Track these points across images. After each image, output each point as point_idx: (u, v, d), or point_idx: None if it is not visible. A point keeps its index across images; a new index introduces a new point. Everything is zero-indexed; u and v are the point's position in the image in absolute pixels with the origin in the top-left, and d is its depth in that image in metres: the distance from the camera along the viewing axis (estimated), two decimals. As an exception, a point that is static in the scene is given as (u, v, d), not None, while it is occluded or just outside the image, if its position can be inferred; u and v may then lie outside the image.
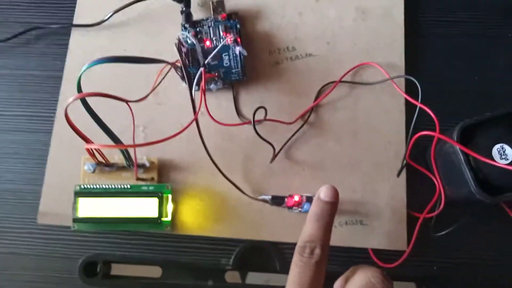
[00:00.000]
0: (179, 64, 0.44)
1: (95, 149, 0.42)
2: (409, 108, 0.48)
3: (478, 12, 0.53)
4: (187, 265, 0.46)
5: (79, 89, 0.37)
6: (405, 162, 0.47)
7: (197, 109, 0.42)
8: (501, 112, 0.41)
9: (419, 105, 0.45)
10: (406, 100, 0.49)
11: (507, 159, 0.40)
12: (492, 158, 0.40)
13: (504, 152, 0.40)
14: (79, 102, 0.36)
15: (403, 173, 0.47)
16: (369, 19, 0.52)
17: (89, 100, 0.36)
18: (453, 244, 0.46)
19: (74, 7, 0.53)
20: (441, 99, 0.50)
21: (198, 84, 0.44)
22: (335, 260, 0.46)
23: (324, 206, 0.39)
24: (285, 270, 0.45)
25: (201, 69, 0.43)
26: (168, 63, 0.42)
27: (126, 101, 0.38)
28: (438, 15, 0.53)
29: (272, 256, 0.46)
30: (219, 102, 0.50)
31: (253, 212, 0.46)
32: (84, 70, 0.36)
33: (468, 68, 0.51)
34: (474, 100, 0.50)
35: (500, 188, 0.40)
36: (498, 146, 0.40)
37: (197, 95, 0.44)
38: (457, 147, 0.40)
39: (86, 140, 0.40)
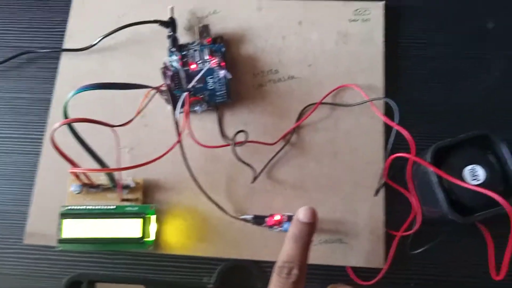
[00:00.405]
0: (163, 88, 0.45)
1: (81, 172, 0.43)
2: (389, 129, 0.50)
3: (456, 34, 0.55)
4: (170, 284, 0.47)
5: (66, 115, 0.38)
6: (383, 182, 0.48)
7: (180, 132, 0.43)
8: (473, 134, 0.42)
9: (395, 126, 0.46)
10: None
11: (478, 180, 0.41)
12: (464, 179, 0.41)
13: (475, 173, 0.41)
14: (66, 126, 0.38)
15: (382, 193, 0.48)
16: (350, 43, 0.54)
17: (77, 125, 0.38)
18: (430, 261, 0.47)
19: (64, 32, 0.55)
20: (420, 120, 0.51)
21: (182, 107, 0.46)
22: (314, 278, 0.47)
23: (302, 227, 0.39)
24: (265, 288, 0.46)
25: (185, 93, 0.45)
26: (152, 88, 0.44)
27: (111, 126, 0.39)
28: (416, 38, 0.55)
29: (253, 274, 0.47)
30: (204, 124, 0.51)
31: (235, 232, 0.48)
32: (70, 97, 0.38)
33: (446, 90, 0.52)
34: (452, 121, 0.51)
35: (472, 208, 0.41)
36: (470, 167, 0.42)
37: (182, 117, 0.45)
38: (430, 168, 0.41)
39: (72, 163, 0.41)
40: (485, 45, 0.54)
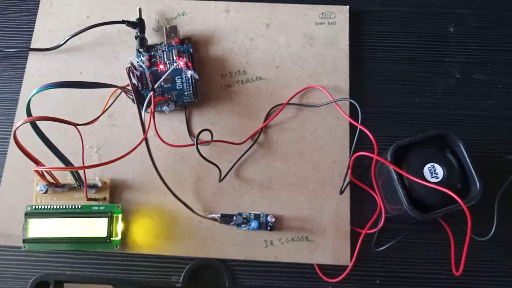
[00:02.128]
0: (129, 88, 0.46)
1: (45, 170, 0.43)
2: (354, 129, 0.51)
3: (418, 38, 0.56)
4: (138, 283, 0.47)
5: (29, 113, 0.38)
6: (348, 180, 0.49)
7: (146, 130, 0.43)
8: (432, 134, 0.44)
9: (359, 126, 0.48)
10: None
11: (438, 178, 0.42)
12: (423, 177, 0.42)
13: (435, 171, 0.43)
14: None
15: (347, 191, 0.49)
16: (316, 45, 0.55)
17: (46, 123, 0.37)
18: (395, 258, 0.49)
19: (32, 31, 0.55)
20: (383, 120, 0.53)
21: (148, 106, 0.46)
22: (281, 276, 0.48)
23: None
24: (234, 286, 0.47)
25: (150, 93, 0.45)
26: (118, 87, 0.44)
27: (74, 125, 0.39)
28: (380, 41, 0.56)
29: (221, 273, 0.48)
30: (172, 123, 0.52)
31: (202, 231, 0.48)
32: (33, 95, 0.38)
33: (407, 92, 0.54)
34: (413, 121, 0.53)
35: (432, 205, 0.42)
36: (429, 165, 0.43)
37: (148, 117, 0.45)
38: (391, 167, 0.42)
39: (36, 162, 0.41)
40: (445, 49, 0.56)
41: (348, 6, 0.56)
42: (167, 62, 0.52)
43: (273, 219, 0.48)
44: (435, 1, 0.58)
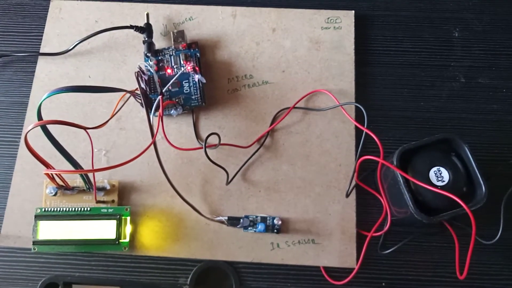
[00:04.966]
0: (138, 92, 0.46)
1: (55, 173, 0.44)
2: (360, 132, 0.51)
3: (423, 42, 0.57)
4: (146, 285, 0.48)
5: (39, 117, 0.39)
6: (354, 183, 0.49)
7: (154, 134, 0.44)
8: (437, 138, 0.44)
9: (365, 130, 0.48)
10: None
11: (443, 181, 0.43)
12: (429, 180, 0.43)
13: (440, 174, 0.43)
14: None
15: (353, 194, 0.50)
16: (322, 49, 0.55)
17: (55, 127, 0.38)
18: (400, 261, 0.49)
19: (41, 36, 0.56)
20: (388, 124, 0.53)
21: (157, 110, 0.46)
22: (289, 278, 0.48)
23: None
24: (239, 288, 0.47)
25: (159, 97, 0.46)
26: (127, 91, 0.44)
27: (84, 128, 0.40)
28: (385, 45, 0.57)
29: (228, 275, 0.48)
30: (180, 127, 0.52)
31: (210, 233, 0.48)
32: (44, 99, 0.38)
33: (413, 96, 0.54)
34: (418, 125, 0.53)
35: (437, 208, 0.42)
36: (435, 169, 0.43)
37: (157, 120, 0.46)
38: (397, 171, 0.43)
39: (46, 165, 0.42)
40: (450, 53, 0.56)
41: (353, 11, 0.56)
42: (174, 66, 0.53)
43: (280, 222, 0.48)
44: (440, 5, 0.59)
